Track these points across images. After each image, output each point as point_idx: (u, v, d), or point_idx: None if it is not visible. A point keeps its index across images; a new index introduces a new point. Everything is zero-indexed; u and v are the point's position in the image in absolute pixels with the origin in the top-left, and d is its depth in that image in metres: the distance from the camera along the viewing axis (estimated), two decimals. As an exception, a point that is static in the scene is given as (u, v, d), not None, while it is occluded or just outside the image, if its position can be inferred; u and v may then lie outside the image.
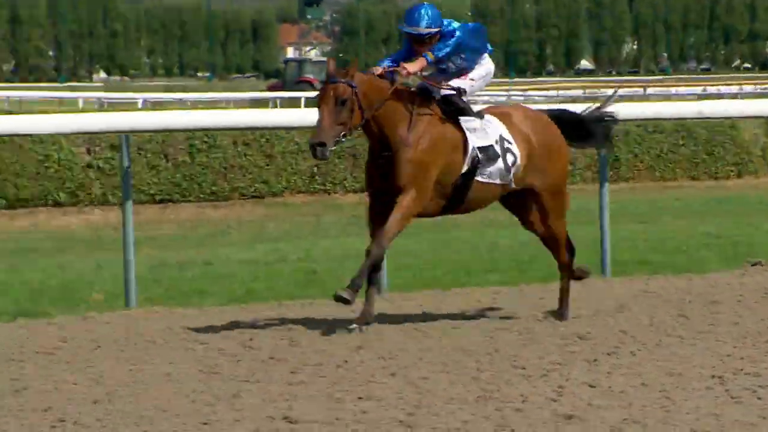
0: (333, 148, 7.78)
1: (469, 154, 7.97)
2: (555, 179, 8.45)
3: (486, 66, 8.24)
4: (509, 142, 8.10)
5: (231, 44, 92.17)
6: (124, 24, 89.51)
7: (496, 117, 8.24)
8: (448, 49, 7.94)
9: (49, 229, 16.28)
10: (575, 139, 8.78)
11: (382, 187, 7.97)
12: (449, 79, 8.10)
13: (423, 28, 7.94)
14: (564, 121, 8.66)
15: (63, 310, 9.26)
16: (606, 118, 8.82)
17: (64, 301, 9.70)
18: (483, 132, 8.04)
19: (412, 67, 7.90)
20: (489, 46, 8.30)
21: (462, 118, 8.03)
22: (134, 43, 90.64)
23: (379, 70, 7.96)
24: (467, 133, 7.99)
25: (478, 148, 7.98)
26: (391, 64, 8.02)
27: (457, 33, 7.99)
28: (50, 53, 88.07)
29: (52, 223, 16.73)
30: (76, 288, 10.39)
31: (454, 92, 8.04)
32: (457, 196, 8.09)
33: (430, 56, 7.90)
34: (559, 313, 8.45)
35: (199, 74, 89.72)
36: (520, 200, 8.47)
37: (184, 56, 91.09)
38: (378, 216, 7.97)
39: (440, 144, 7.92)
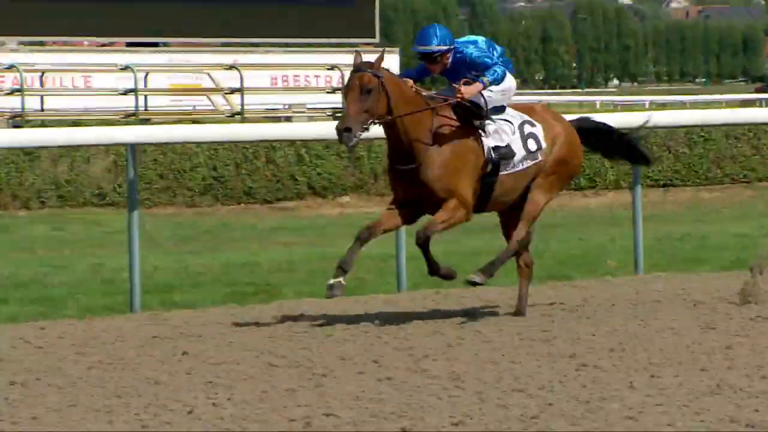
0: (360, 134, 6.79)
1: (485, 157, 7.01)
2: (565, 159, 7.32)
3: (508, 81, 7.15)
4: (533, 126, 7.18)
5: (723, 54, 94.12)
6: (634, 39, 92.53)
7: (527, 110, 7.41)
8: (496, 74, 6.94)
9: (570, 209, 16.36)
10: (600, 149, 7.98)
11: (409, 198, 7.03)
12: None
13: (434, 47, 7.00)
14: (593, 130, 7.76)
15: (584, 275, 9.30)
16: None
17: (585, 267, 9.73)
18: (497, 134, 7.05)
19: (469, 91, 6.92)
20: (509, 64, 7.26)
21: (477, 122, 7.05)
22: (642, 54, 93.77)
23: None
24: (482, 137, 7.02)
25: (493, 148, 7.01)
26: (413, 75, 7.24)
27: (484, 55, 7.01)
28: (573, 65, 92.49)
29: (573, 204, 16.87)
30: (593, 256, 10.41)
31: (471, 104, 7.00)
32: (486, 192, 7.08)
33: (486, 81, 6.92)
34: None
35: (696, 80, 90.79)
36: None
37: (684, 65, 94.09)
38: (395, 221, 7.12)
39: (465, 153, 6.98)
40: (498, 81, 6.99)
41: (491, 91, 7.02)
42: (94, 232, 14.24)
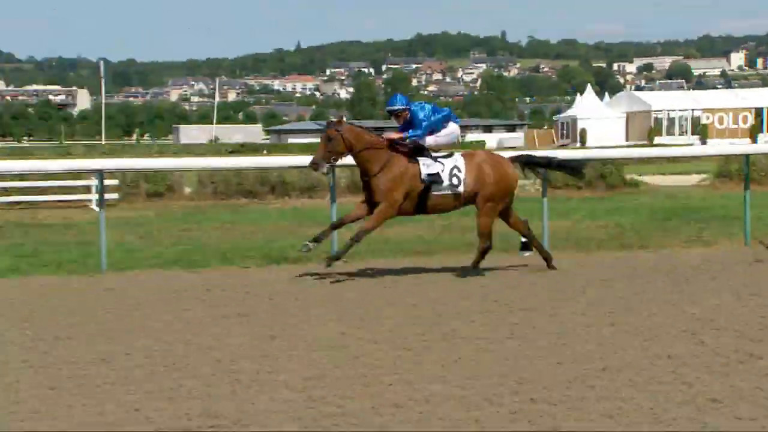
0: (326, 166, 10.21)
1: (420, 179, 10.21)
2: (494, 194, 10.42)
3: (451, 131, 10.51)
4: (459, 171, 10.27)
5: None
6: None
7: (463, 156, 10.47)
8: (419, 131, 10.27)
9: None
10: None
11: (368, 198, 10.27)
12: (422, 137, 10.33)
13: (394, 107, 10.50)
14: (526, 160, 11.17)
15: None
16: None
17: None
18: (433, 166, 10.22)
19: (389, 137, 10.34)
20: (454, 117, 10.59)
21: (420, 158, 10.27)
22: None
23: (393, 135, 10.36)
24: (422, 167, 10.22)
25: (427, 174, 10.20)
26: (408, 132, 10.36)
27: (423, 118, 10.26)
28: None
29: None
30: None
31: (419, 136, 10.29)
32: (422, 203, 10.32)
33: (406, 136, 10.31)
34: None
35: None
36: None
37: None
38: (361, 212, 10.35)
39: (402, 175, 10.17)
40: (419, 135, 10.25)
41: (438, 135, 10.39)
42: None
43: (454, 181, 10.29)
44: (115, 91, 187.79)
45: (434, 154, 10.37)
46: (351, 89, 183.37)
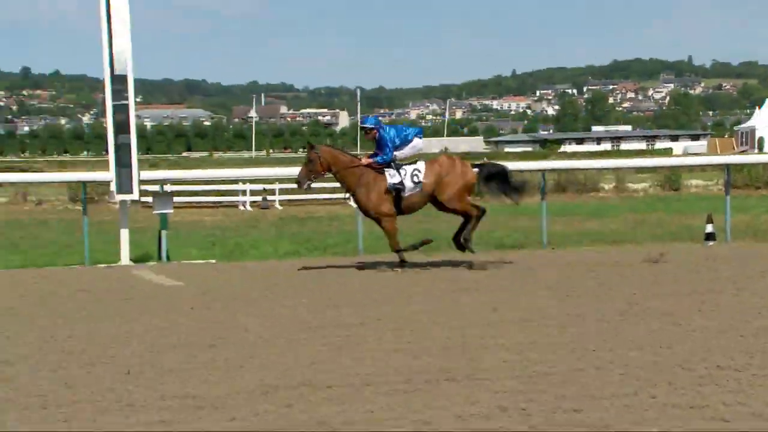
0: (307, 184, 9.97)
1: (387, 188, 9.89)
2: (452, 194, 9.88)
3: (414, 144, 10.04)
4: (419, 171, 9.89)
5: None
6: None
7: (426, 164, 9.99)
8: (386, 157, 9.89)
9: None
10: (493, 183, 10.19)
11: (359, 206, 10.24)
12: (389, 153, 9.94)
13: (366, 125, 10.14)
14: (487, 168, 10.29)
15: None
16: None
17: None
18: (396, 175, 9.88)
19: (366, 161, 10.00)
20: (418, 132, 10.07)
21: (386, 170, 9.91)
22: None
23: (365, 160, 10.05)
24: (387, 177, 9.88)
25: (392, 183, 9.86)
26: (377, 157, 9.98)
27: (388, 142, 9.84)
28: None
29: None
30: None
31: (386, 161, 9.91)
32: (397, 205, 9.94)
33: (378, 161, 9.90)
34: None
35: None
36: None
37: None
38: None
39: (380, 188, 9.89)
40: (386, 159, 9.89)
41: (404, 150, 9.96)
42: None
43: (415, 179, 9.91)
44: (368, 112, 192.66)
45: (399, 164, 9.97)
46: (557, 107, 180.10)
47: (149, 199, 11.70)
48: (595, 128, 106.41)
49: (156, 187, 13.12)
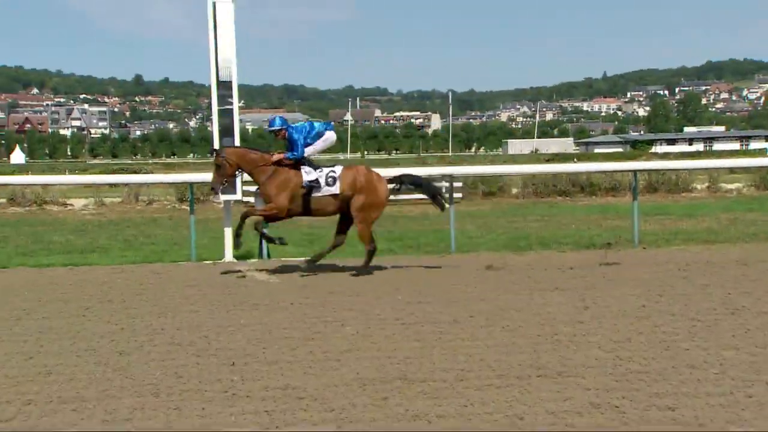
0: (220, 188, 9.83)
1: (303, 184, 9.54)
2: (364, 204, 9.54)
3: (326, 137, 9.75)
4: (334, 176, 9.56)
5: None
6: None
7: (344, 168, 9.67)
8: (296, 152, 9.62)
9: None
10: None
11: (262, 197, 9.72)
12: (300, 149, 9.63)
13: (273, 128, 9.89)
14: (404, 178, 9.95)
15: None
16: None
17: None
18: (312, 173, 9.57)
19: (275, 157, 9.65)
20: (327, 126, 9.82)
21: (302, 168, 9.59)
22: None
23: (276, 156, 9.67)
24: (303, 174, 9.56)
25: (308, 180, 9.54)
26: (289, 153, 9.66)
27: (297, 138, 9.56)
28: None
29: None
30: None
31: (297, 157, 9.60)
32: (306, 204, 9.59)
33: (289, 156, 9.61)
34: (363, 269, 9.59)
35: None
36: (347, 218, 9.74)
37: None
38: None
39: (286, 181, 9.55)
40: (297, 155, 9.60)
41: (315, 145, 9.68)
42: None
43: (329, 181, 9.58)
44: (459, 114, 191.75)
45: (317, 165, 9.74)
46: (648, 108, 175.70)
47: (251, 199, 11.96)
48: (687, 129, 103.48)
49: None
